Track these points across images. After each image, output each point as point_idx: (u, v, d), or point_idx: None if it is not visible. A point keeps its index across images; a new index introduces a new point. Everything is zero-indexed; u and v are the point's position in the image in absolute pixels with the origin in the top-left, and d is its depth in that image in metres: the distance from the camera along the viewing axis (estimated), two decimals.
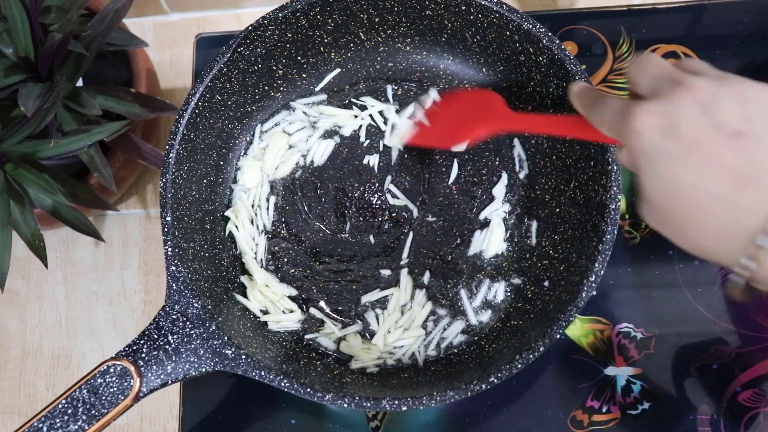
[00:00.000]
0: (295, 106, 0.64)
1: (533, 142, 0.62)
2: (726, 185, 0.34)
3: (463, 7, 0.59)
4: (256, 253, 0.61)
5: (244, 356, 0.51)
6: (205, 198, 0.60)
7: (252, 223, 0.62)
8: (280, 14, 0.58)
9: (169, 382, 0.50)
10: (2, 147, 0.62)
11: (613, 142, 0.42)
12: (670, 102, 0.36)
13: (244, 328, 0.56)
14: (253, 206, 0.62)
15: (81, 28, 0.65)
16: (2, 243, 0.64)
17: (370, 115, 0.64)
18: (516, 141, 0.63)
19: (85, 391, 0.49)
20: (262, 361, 0.51)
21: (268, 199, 0.63)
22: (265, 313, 0.59)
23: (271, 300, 0.59)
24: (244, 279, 0.60)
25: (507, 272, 0.60)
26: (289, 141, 0.64)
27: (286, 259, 0.61)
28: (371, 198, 0.63)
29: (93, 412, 0.48)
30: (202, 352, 0.51)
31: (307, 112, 0.64)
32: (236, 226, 0.61)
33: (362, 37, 0.64)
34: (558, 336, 0.50)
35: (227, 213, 0.62)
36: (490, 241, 0.60)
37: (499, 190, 0.62)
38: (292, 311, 0.60)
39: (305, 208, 0.62)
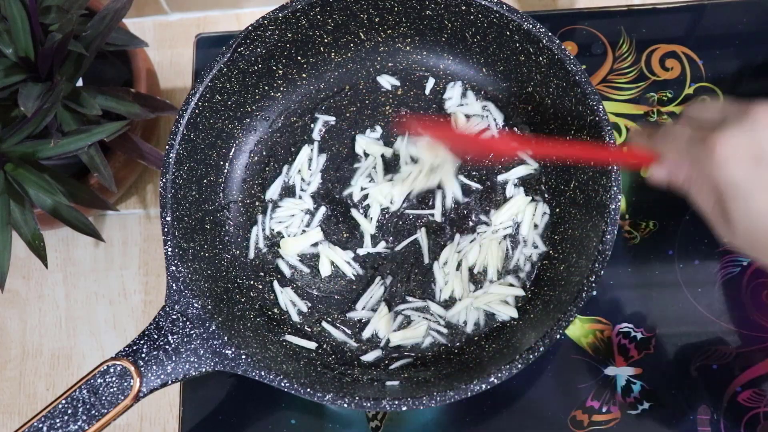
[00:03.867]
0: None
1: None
2: None
3: (463, 7, 0.59)
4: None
5: (244, 356, 0.51)
6: (205, 198, 0.60)
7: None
8: (280, 14, 0.58)
9: (169, 382, 0.50)
10: (2, 147, 0.62)
11: (648, 162, 0.41)
12: (751, 129, 0.34)
13: (244, 328, 0.56)
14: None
15: (81, 28, 0.65)
16: (2, 243, 0.64)
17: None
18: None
19: (85, 391, 0.49)
20: (262, 361, 0.51)
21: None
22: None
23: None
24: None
25: (507, 272, 0.60)
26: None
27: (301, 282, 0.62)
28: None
29: (93, 412, 0.48)
30: (202, 352, 0.51)
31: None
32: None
33: (362, 37, 0.64)
34: (558, 336, 0.50)
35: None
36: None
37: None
38: (294, 302, 0.60)
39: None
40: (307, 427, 0.59)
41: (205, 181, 0.60)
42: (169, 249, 0.54)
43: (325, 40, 0.63)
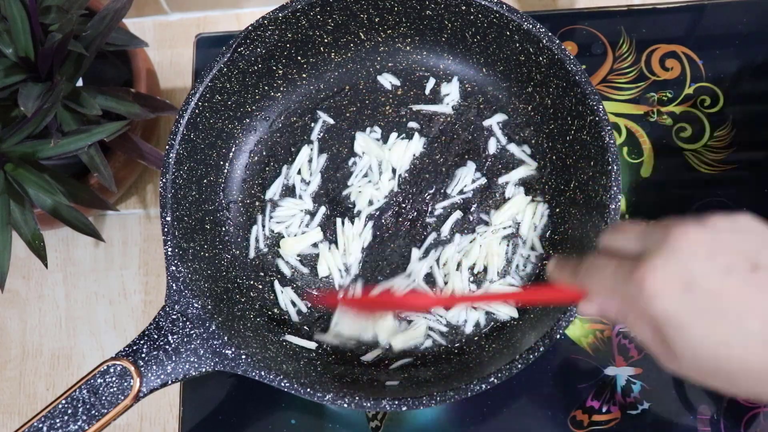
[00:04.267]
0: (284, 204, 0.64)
1: (533, 142, 0.62)
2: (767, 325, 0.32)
3: (463, 7, 0.59)
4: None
5: (244, 356, 0.51)
6: (205, 198, 0.60)
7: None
8: (280, 14, 0.58)
9: (169, 382, 0.50)
10: (2, 147, 0.62)
11: (575, 299, 0.40)
12: (673, 255, 0.33)
13: (244, 328, 0.56)
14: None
15: (81, 28, 0.65)
16: (2, 243, 0.64)
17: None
18: (512, 145, 0.63)
19: (85, 391, 0.49)
20: (262, 361, 0.51)
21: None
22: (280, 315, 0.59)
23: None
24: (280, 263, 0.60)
25: (507, 272, 0.60)
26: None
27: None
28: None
29: (93, 412, 0.48)
30: (202, 352, 0.51)
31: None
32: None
33: (362, 37, 0.64)
34: (558, 336, 0.50)
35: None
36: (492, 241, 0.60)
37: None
38: (294, 302, 0.60)
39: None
40: (307, 427, 0.59)
41: (205, 181, 0.60)
42: (169, 249, 0.54)
43: (325, 40, 0.63)
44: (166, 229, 0.54)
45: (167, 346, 0.51)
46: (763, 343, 0.32)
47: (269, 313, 0.60)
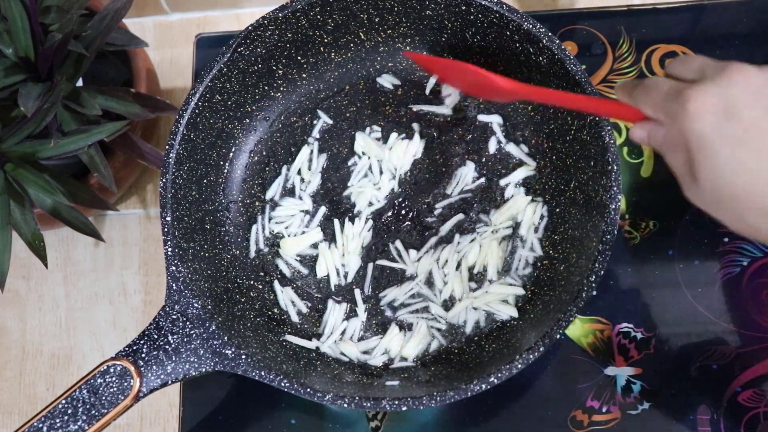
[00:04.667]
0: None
1: (533, 142, 0.62)
2: None
3: (463, 7, 0.59)
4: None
5: (244, 356, 0.51)
6: (205, 198, 0.60)
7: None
8: (280, 14, 0.58)
9: (169, 382, 0.50)
10: (2, 147, 0.62)
11: (630, 119, 0.43)
12: (725, 84, 0.35)
13: (244, 328, 0.56)
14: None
15: (81, 28, 0.65)
16: (2, 243, 0.64)
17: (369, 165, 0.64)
18: (512, 145, 0.63)
19: (85, 391, 0.49)
20: (262, 361, 0.51)
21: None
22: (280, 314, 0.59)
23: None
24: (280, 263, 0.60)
25: (507, 272, 0.60)
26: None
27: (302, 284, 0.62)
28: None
29: (93, 412, 0.48)
30: (202, 352, 0.51)
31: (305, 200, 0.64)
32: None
33: (362, 37, 0.64)
34: (558, 336, 0.50)
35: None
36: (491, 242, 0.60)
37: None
38: (294, 302, 0.60)
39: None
40: (307, 427, 0.59)
41: (205, 181, 0.60)
42: (169, 249, 0.54)
43: (325, 40, 0.63)
44: (166, 229, 0.54)
45: (167, 346, 0.51)
46: None
47: (269, 313, 0.60)
